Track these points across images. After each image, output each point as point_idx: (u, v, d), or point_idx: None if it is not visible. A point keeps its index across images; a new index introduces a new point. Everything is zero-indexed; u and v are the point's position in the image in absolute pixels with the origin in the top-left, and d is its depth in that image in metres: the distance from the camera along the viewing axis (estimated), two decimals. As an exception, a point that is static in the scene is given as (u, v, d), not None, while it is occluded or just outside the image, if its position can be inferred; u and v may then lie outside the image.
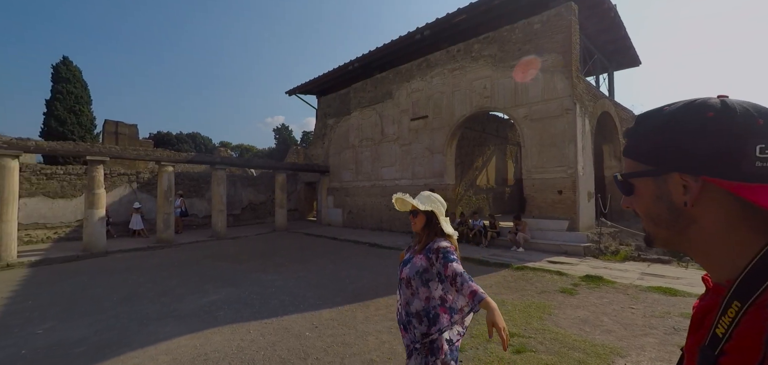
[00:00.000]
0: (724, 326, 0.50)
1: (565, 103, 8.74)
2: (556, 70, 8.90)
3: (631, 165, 0.61)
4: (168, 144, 39.94)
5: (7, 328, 4.21)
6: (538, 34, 9.27)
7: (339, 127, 15.96)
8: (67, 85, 23.50)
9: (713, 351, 0.50)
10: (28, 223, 10.84)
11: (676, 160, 0.53)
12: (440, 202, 2.02)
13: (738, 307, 0.49)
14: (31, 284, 6.36)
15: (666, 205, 0.56)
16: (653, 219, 0.59)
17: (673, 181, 0.54)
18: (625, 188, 0.62)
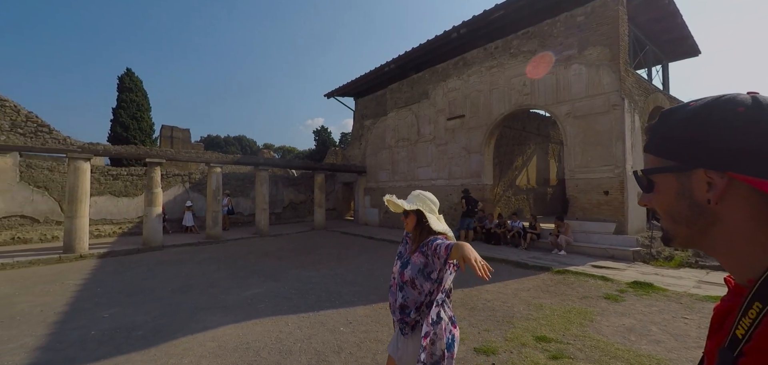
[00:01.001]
0: (745, 327, 0.48)
1: (611, 98, 8.24)
2: (602, 64, 8.41)
3: (652, 161, 0.60)
4: (217, 146, 42.55)
5: (80, 311, 4.76)
6: (581, 26, 8.82)
7: (375, 128, 16.16)
8: (130, 94, 25.79)
9: (732, 353, 0.49)
10: (97, 219, 12.08)
11: (701, 155, 0.52)
12: (431, 201, 2.01)
13: (759, 308, 0.47)
14: (99, 273, 7.11)
15: (688, 202, 0.55)
16: (674, 217, 0.58)
17: (697, 177, 0.53)
18: (645, 185, 0.62)
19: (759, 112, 0.48)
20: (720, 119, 0.51)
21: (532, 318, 4.38)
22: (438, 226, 1.93)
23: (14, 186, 10.68)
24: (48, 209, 11.31)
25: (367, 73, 15.53)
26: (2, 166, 10.27)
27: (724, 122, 0.50)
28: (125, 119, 25.04)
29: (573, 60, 8.97)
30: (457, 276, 6.24)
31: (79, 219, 9.06)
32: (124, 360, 3.38)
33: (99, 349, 3.60)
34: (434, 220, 1.95)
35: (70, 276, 6.80)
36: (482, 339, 3.78)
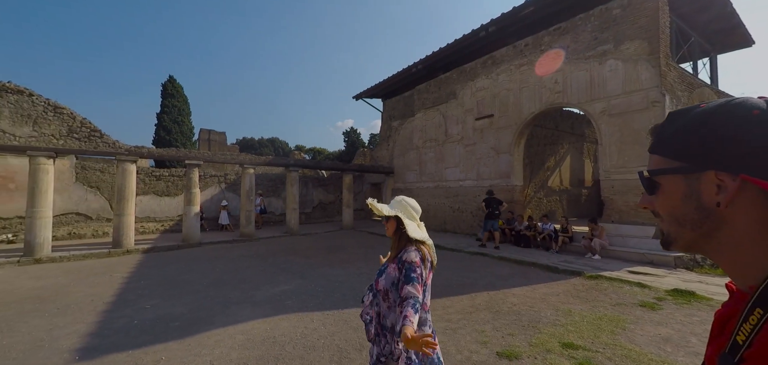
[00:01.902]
0: (746, 333, 0.48)
1: (651, 94, 7.79)
2: (640, 59, 7.97)
3: (658, 162, 0.59)
4: (251, 148, 44.22)
5: (125, 302, 5.15)
6: (617, 20, 8.40)
7: (403, 129, 16.18)
8: (172, 100, 27.39)
9: (733, 358, 0.48)
10: (142, 217, 12.95)
11: (713, 157, 0.51)
12: (411, 207, 1.94)
13: (760, 314, 0.47)
14: (143, 267, 7.63)
15: (695, 205, 0.54)
16: (678, 220, 0.57)
17: (706, 179, 0.53)
18: (649, 186, 0.61)
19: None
20: (734, 121, 0.50)
21: (560, 324, 4.25)
22: (416, 234, 1.85)
23: (71, 186, 11.68)
24: (99, 207, 12.27)
25: (395, 75, 15.58)
26: (60, 168, 11.26)
27: (739, 124, 0.50)
28: (168, 123, 26.66)
29: (608, 55, 8.56)
30: (482, 279, 6.14)
31: (126, 217, 9.76)
32: (163, 348, 3.63)
33: (141, 337, 3.89)
34: (413, 228, 1.87)
35: (117, 270, 7.36)
36: (506, 344, 3.72)
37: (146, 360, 3.36)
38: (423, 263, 1.79)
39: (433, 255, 1.93)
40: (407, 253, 1.78)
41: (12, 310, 4.76)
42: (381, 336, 1.79)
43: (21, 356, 3.43)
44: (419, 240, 1.86)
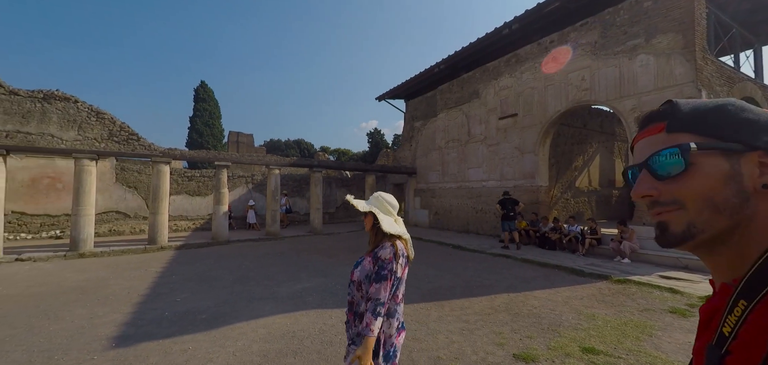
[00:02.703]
0: (731, 325, 0.49)
1: (686, 90, 7.39)
2: (674, 53, 7.59)
3: (681, 138, 0.54)
4: (278, 150, 45.35)
5: (157, 295, 5.47)
6: (648, 12, 8.03)
7: (426, 129, 16.14)
8: (203, 104, 28.60)
9: (720, 350, 0.49)
10: (175, 215, 13.62)
11: (757, 137, 0.50)
12: (387, 203, 2.00)
13: (744, 306, 0.48)
14: (175, 263, 8.05)
15: (737, 188, 0.51)
16: (717, 206, 0.51)
17: (750, 160, 0.51)
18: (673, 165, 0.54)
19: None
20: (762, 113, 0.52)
21: (582, 328, 4.13)
22: (391, 229, 1.90)
23: (111, 186, 12.48)
24: (137, 206, 13.02)
25: (417, 75, 15.58)
26: (102, 169, 12.04)
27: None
28: (200, 126, 27.89)
29: (639, 50, 8.20)
30: (503, 281, 6.07)
31: (160, 216, 10.31)
32: (191, 338, 3.84)
33: (171, 328, 4.13)
34: (388, 223, 1.93)
35: (152, 265, 7.80)
36: (523, 346, 3.67)
37: (175, 350, 3.57)
38: (395, 259, 1.85)
39: (410, 250, 1.99)
40: (383, 250, 1.85)
41: (59, 300, 5.17)
42: (353, 323, 1.88)
43: (65, 341, 3.74)
44: (395, 234, 1.92)
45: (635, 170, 0.60)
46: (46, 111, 10.69)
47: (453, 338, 3.89)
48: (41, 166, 11.40)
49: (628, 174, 0.63)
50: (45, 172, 11.44)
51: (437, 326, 4.24)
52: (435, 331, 4.08)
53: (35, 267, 7.60)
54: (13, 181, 10.62)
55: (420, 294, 5.60)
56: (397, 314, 1.92)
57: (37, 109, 10.57)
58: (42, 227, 11.38)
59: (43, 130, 10.94)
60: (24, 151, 9.46)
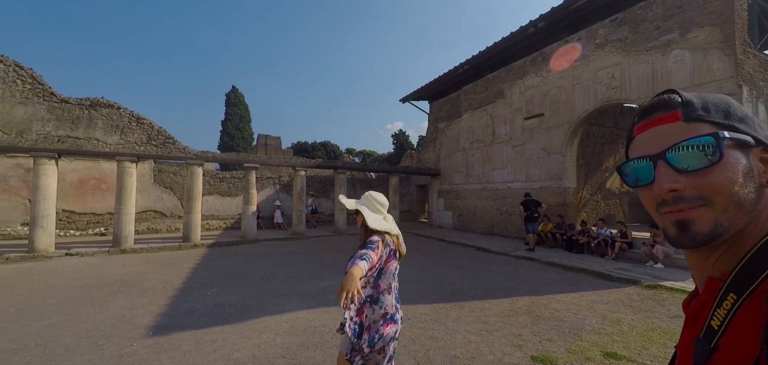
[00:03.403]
0: (720, 318, 0.48)
1: (725, 86, 6.99)
2: (711, 47, 7.19)
3: (703, 128, 0.50)
4: (305, 152, 46.33)
5: (190, 289, 5.81)
6: (683, 6, 7.65)
7: (449, 131, 16.05)
8: (234, 108, 29.70)
9: (709, 344, 0.48)
10: (207, 215, 14.28)
11: (758, 131, 0.50)
12: (376, 201, 2.16)
13: (734, 299, 0.47)
14: (207, 259, 8.47)
15: (754, 185, 0.49)
16: (741, 203, 0.48)
17: (755, 155, 0.50)
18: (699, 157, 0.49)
19: None
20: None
21: (605, 333, 4.03)
22: (376, 225, 2.04)
23: (149, 186, 13.26)
24: (173, 205, 13.76)
25: (441, 76, 15.53)
26: (141, 171, 12.83)
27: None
28: (231, 130, 29.00)
29: (673, 45, 7.83)
30: (526, 284, 6.01)
31: (194, 215, 10.87)
32: (219, 330, 4.08)
33: (202, 320, 4.39)
34: (373, 219, 2.06)
35: (185, 261, 8.25)
36: (542, 348, 3.63)
37: (205, 340, 3.80)
38: (385, 245, 2.02)
39: (401, 246, 2.16)
40: (369, 239, 2.02)
41: (103, 291, 5.60)
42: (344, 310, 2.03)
43: (108, 329, 4.07)
44: (381, 230, 2.07)
45: (642, 164, 0.53)
46: (93, 117, 11.52)
47: (471, 338, 3.91)
48: (88, 168, 12.31)
49: (628, 168, 0.56)
50: (91, 173, 12.34)
51: (456, 326, 4.27)
52: (453, 331, 4.11)
53: (82, 261, 8.23)
54: (64, 182, 11.52)
55: (441, 294, 5.63)
56: (382, 302, 2.03)
57: (85, 116, 11.41)
58: (88, 224, 12.27)
59: (89, 134, 11.80)
60: (73, 155, 10.26)
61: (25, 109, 9.83)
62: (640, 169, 0.54)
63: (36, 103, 9.99)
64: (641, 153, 0.54)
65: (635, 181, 0.55)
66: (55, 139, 11.12)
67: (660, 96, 0.54)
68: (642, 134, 0.55)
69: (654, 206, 0.53)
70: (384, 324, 2.01)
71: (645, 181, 0.54)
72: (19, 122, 9.93)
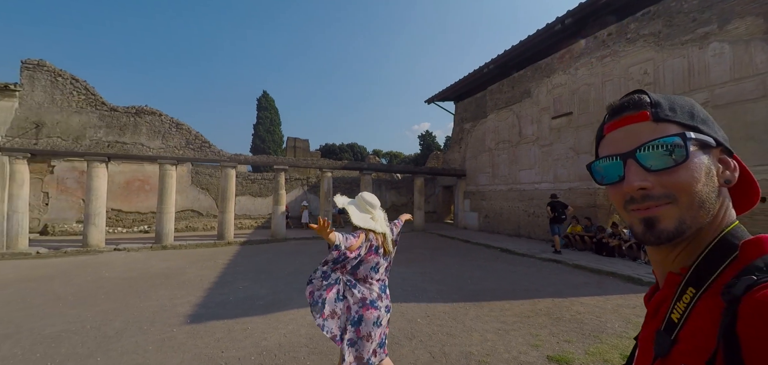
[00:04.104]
0: (680, 311, 0.49)
1: (769, 80, 6.57)
2: (754, 39, 6.78)
3: (671, 129, 0.51)
4: (332, 153, 47.17)
5: (224, 282, 6.22)
6: (723, -4, 7.26)
7: (475, 131, 15.92)
8: (265, 112, 30.79)
9: (669, 336, 0.49)
10: (240, 214, 14.99)
11: (717, 132, 0.52)
12: (365, 201, 2.43)
13: (692, 293, 0.49)
14: (239, 256, 8.96)
15: (714, 185, 0.51)
16: (703, 202, 0.50)
17: (714, 155, 0.51)
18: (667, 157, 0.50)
19: None
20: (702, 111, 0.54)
21: (627, 336, 3.96)
22: (360, 222, 2.32)
23: (187, 187, 14.12)
24: (208, 205, 14.57)
25: (467, 76, 15.45)
26: (180, 173, 13.69)
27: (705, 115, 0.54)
28: (262, 133, 30.09)
29: (711, 38, 7.44)
30: (549, 286, 5.97)
31: (227, 214, 11.48)
32: (249, 320, 4.38)
33: (233, 310, 4.73)
34: (359, 218, 2.35)
35: (220, 257, 8.77)
36: (559, 349, 3.64)
37: (236, 329, 4.11)
38: (365, 240, 2.30)
39: (386, 243, 2.41)
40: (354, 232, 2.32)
41: (147, 283, 6.12)
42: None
43: (151, 315, 4.48)
44: (365, 228, 2.33)
45: (613, 162, 0.54)
46: (138, 123, 12.45)
47: (488, 336, 3.97)
48: (133, 171, 13.31)
49: (598, 165, 0.57)
50: (136, 175, 13.34)
51: (473, 324, 4.33)
52: (470, 329, 4.18)
53: (129, 255, 8.96)
54: (112, 183, 12.52)
55: (461, 294, 5.68)
56: (359, 288, 2.28)
57: (131, 122, 12.35)
58: (133, 222, 13.26)
59: (135, 140, 12.74)
60: (121, 158, 11.15)
61: (80, 117, 10.81)
62: (610, 167, 0.55)
63: (89, 112, 10.96)
64: (611, 151, 0.55)
65: (604, 178, 0.56)
66: (105, 144, 12.10)
67: (630, 96, 0.55)
68: (612, 133, 0.56)
69: (622, 203, 0.54)
70: (363, 308, 2.24)
71: (614, 178, 0.54)
72: (75, 129, 10.93)
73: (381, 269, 2.42)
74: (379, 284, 2.41)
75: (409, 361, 3.38)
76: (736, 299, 0.42)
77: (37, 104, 10.24)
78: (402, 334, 4.00)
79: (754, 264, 0.45)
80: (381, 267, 2.42)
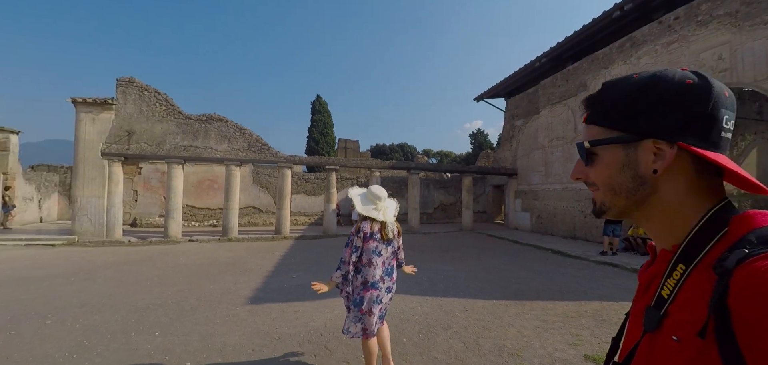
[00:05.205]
0: (670, 288, 0.51)
1: None
2: None
3: (596, 132, 0.58)
4: (383, 154, 47.95)
5: (280, 272, 6.85)
6: (816, -32, 6.36)
7: (527, 128, 15.37)
8: (319, 116, 32.25)
9: (659, 311, 0.51)
10: (295, 212, 16.02)
11: (652, 125, 0.52)
12: (372, 194, 2.71)
13: (682, 269, 0.50)
14: (294, 249, 9.68)
15: (631, 173, 0.55)
16: (614, 189, 0.57)
17: (644, 147, 0.53)
18: (587, 157, 0.60)
19: (705, 85, 0.50)
20: (671, 91, 0.51)
21: (680, 340, 3.75)
22: (363, 211, 2.68)
23: (249, 186, 15.44)
24: (267, 203, 15.78)
25: (517, 71, 14.98)
26: (243, 173, 15.01)
27: (676, 94, 0.51)
28: (316, 135, 31.59)
29: (801, 16, 6.55)
30: (599, 289, 5.82)
31: (284, 211, 12.40)
32: (300, 304, 4.85)
33: (287, 295, 5.25)
34: (364, 207, 2.69)
35: (277, 250, 9.56)
36: (598, 349, 3.58)
37: (289, 311, 4.59)
38: (357, 233, 2.66)
39: (385, 230, 2.71)
40: (361, 225, 2.70)
41: (215, 269, 6.95)
42: None
43: (219, 296, 5.15)
44: (368, 217, 2.69)
45: None
46: (208, 129, 13.87)
47: (525, 333, 3.99)
48: (204, 171, 14.88)
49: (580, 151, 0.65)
50: (206, 175, 14.89)
51: (512, 321, 4.36)
52: (508, 325, 4.23)
53: (200, 246, 10.11)
54: (187, 183, 14.11)
55: (503, 292, 5.68)
56: (363, 272, 2.68)
57: (202, 129, 13.79)
58: (204, 217, 14.82)
59: (205, 144, 14.22)
60: (194, 160, 12.56)
61: (161, 125, 12.36)
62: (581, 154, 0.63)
63: (169, 120, 12.48)
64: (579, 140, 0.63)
65: None
66: (181, 149, 13.68)
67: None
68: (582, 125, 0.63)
69: None
70: (364, 289, 2.69)
71: None
72: (158, 136, 12.50)
73: (384, 253, 2.76)
74: (384, 267, 2.76)
75: (442, 349, 3.56)
76: (727, 272, 0.43)
77: (129, 115, 11.93)
78: (438, 325, 4.18)
79: (746, 238, 0.46)
80: (383, 251, 2.75)
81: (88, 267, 7.12)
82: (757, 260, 0.41)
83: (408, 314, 4.53)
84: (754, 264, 0.41)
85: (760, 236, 0.45)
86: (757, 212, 0.49)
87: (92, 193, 10.94)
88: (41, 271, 6.67)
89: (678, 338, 0.47)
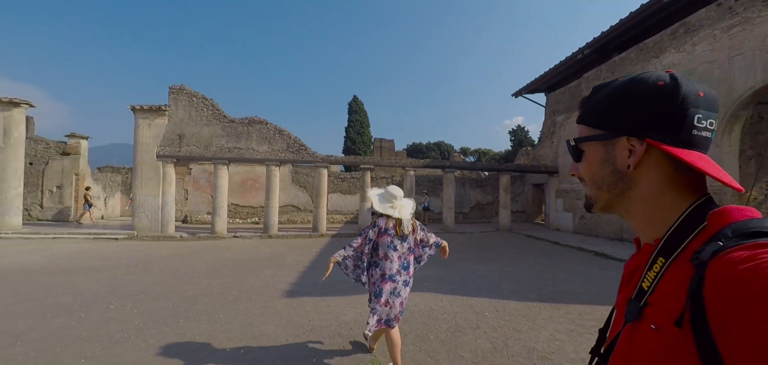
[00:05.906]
0: (650, 280, 0.53)
1: None
2: None
3: (583, 131, 0.63)
4: (419, 153, 47.72)
5: (315, 268, 7.12)
6: None
7: (569, 124, 14.66)
8: (356, 116, 32.80)
9: (639, 303, 0.53)
10: (331, 210, 16.45)
11: (625, 124, 0.56)
12: (389, 193, 2.87)
13: (662, 262, 0.53)
14: (329, 246, 9.99)
15: (611, 168, 0.59)
16: (597, 183, 0.62)
17: (620, 144, 0.58)
18: (575, 154, 0.65)
19: (674, 86, 0.53)
20: (642, 92, 0.55)
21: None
22: (378, 208, 2.83)
23: (288, 186, 16.08)
24: (305, 201, 16.35)
25: (558, 64, 14.31)
26: (282, 173, 15.66)
27: (646, 95, 0.54)
28: (353, 135, 32.16)
29: None
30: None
31: (321, 209, 12.81)
32: (333, 299, 5.05)
33: (321, 290, 5.47)
34: (380, 205, 2.85)
35: (313, 247, 9.91)
36: (639, 354, 3.40)
37: (322, 305, 4.79)
38: (372, 227, 2.84)
39: (398, 226, 2.84)
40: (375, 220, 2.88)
41: (256, 264, 7.36)
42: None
43: (259, 289, 5.49)
44: (383, 213, 2.86)
45: None
46: (250, 132, 14.64)
47: (557, 336, 3.88)
48: (247, 171, 15.72)
49: None
50: (249, 175, 15.72)
51: (544, 324, 4.25)
52: (539, 327, 4.12)
53: (243, 242, 10.72)
54: (231, 182, 14.99)
55: (538, 294, 5.53)
56: (381, 266, 2.84)
57: (244, 131, 14.58)
58: (247, 215, 15.66)
59: (247, 145, 15.02)
60: (237, 161, 13.32)
61: (208, 129, 13.25)
62: None
63: (215, 124, 13.34)
64: None
65: None
66: (226, 150, 14.56)
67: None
68: None
69: None
70: (383, 281, 2.84)
71: None
72: (205, 139, 13.41)
73: (399, 248, 2.88)
74: (400, 261, 2.88)
75: (469, 348, 3.56)
76: (703, 263, 0.45)
77: (180, 120, 12.91)
78: (467, 324, 4.17)
79: (722, 231, 0.48)
80: (399, 246, 2.87)
81: (144, 259, 7.83)
82: (731, 252, 0.44)
83: (437, 312, 4.56)
84: (727, 256, 0.44)
85: (736, 230, 0.47)
86: (733, 207, 0.51)
87: (149, 192, 11.97)
88: (106, 262, 7.43)
89: (656, 326, 0.49)
